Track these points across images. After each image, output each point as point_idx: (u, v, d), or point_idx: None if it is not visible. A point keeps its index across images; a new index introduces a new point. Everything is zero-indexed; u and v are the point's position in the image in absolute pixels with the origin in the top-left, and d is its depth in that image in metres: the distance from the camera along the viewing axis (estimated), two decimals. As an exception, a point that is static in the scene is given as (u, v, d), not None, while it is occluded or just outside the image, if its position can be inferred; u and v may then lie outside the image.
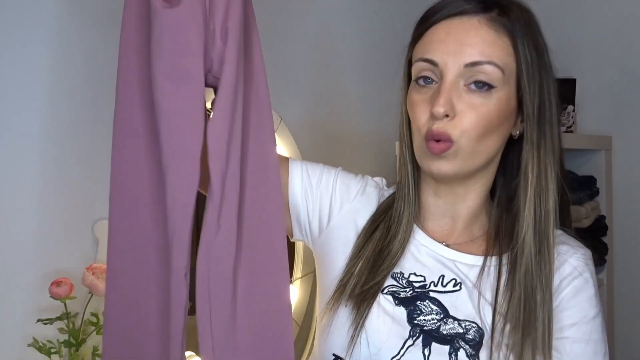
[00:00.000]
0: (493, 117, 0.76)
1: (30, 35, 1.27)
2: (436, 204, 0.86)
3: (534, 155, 0.79)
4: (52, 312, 1.20)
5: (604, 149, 1.74)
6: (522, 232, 0.79)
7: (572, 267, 0.80)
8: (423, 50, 0.79)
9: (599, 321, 0.80)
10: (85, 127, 1.33)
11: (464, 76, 0.76)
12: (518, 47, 0.77)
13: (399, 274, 0.82)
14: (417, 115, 0.79)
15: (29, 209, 1.26)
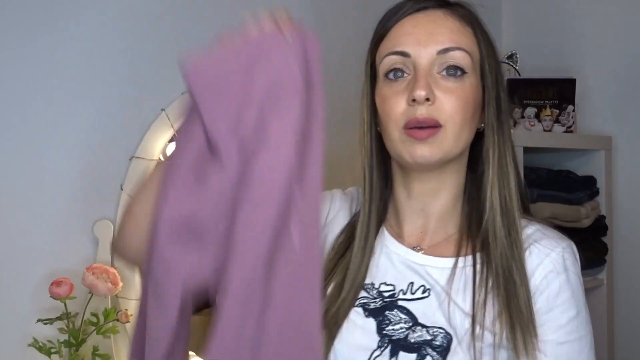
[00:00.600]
0: (470, 101, 0.78)
1: (30, 34, 1.27)
2: (410, 205, 0.85)
3: (495, 140, 0.80)
4: (52, 312, 1.20)
5: (604, 149, 1.74)
6: (490, 216, 0.79)
7: (553, 264, 0.78)
8: (392, 44, 0.79)
9: (582, 317, 0.79)
10: (85, 126, 1.33)
11: (437, 64, 0.77)
12: (479, 37, 0.80)
13: (370, 285, 0.82)
14: (392, 107, 0.78)
15: (29, 209, 1.26)
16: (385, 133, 0.81)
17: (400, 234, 0.86)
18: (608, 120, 1.85)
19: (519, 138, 1.48)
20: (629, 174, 1.81)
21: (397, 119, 0.77)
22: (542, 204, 1.59)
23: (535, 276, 0.77)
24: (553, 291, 0.77)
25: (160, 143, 1.40)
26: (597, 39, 1.89)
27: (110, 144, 1.36)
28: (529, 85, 1.67)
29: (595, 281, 1.72)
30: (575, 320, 0.78)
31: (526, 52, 2.02)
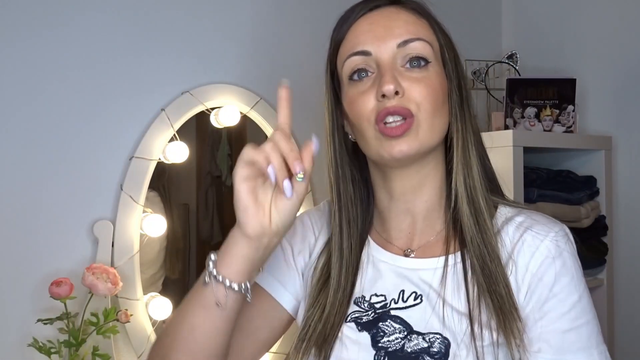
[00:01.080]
0: (438, 89, 0.77)
1: (30, 33, 1.27)
2: (394, 206, 0.83)
3: (458, 128, 0.79)
4: (52, 312, 1.20)
5: (604, 149, 1.74)
6: (458, 206, 0.78)
7: (547, 250, 0.75)
8: (351, 45, 0.79)
9: (585, 301, 0.75)
10: (85, 126, 1.33)
11: (399, 57, 0.76)
12: (435, 27, 0.81)
13: (361, 298, 0.81)
14: (361, 106, 0.76)
15: (29, 208, 1.26)
16: (360, 135, 0.79)
17: (389, 239, 0.84)
18: (608, 120, 1.85)
19: (519, 138, 1.48)
20: (629, 174, 1.80)
21: (368, 116, 0.76)
22: (542, 204, 1.58)
23: (531, 265, 0.75)
24: (551, 278, 0.74)
25: (160, 143, 1.40)
26: (597, 39, 1.89)
27: (110, 144, 1.36)
28: (529, 85, 1.67)
29: (595, 281, 1.72)
30: (579, 305, 0.74)
31: (526, 52, 2.02)
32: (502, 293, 0.73)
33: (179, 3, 1.47)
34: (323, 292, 0.82)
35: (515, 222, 0.79)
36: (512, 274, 0.76)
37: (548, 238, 0.76)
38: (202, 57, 1.50)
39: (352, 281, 0.81)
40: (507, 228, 0.79)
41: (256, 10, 1.60)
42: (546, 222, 0.79)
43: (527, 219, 0.79)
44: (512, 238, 0.78)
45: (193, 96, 1.45)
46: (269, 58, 1.60)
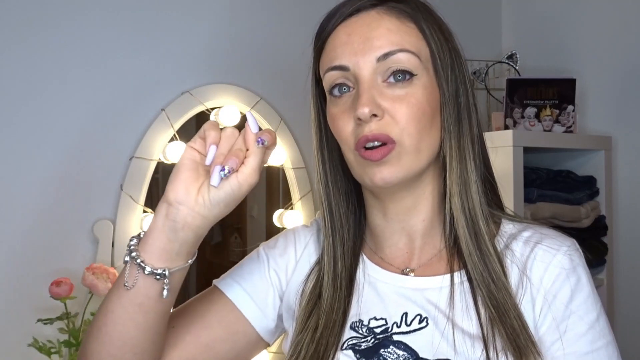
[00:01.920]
0: (424, 105, 0.69)
1: (30, 33, 1.27)
2: (389, 226, 0.76)
3: (452, 145, 0.72)
4: (52, 312, 1.20)
5: (604, 149, 1.74)
6: (456, 230, 0.72)
7: (561, 265, 0.70)
8: (329, 59, 0.72)
9: (603, 321, 0.70)
10: (85, 126, 1.33)
11: (380, 72, 0.69)
12: (425, 31, 0.71)
13: (358, 322, 0.73)
14: (341, 127, 0.71)
15: (29, 208, 1.26)
16: (345, 156, 0.74)
17: (385, 259, 0.77)
18: (608, 120, 1.85)
19: (519, 138, 1.48)
20: (629, 174, 1.80)
21: (348, 139, 0.70)
22: (542, 204, 1.58)
23: (545, 280, 0.70)
24: (566, 295, 0.69)
25: (160, 143, 1.40)
26: (597, 39, 1.89)
27: (110, 144, 1.36)
28: (529, 85, 1.67)
29: (595, 281, 1.71)
30: (597, 325, 0.69)
31: (526, 52, 2.02)
32: (514, 326, 0.67)
33: (179, 3, 1.47)
34: (314, 314, 0.74)
35: (522, 238, 0.74)
36: (528, 290, 0.70)
37: (560, 252, 0.71)
38: (202, 57, 1.50)
39: (346, 301, 0.74)
40: (515, 244, 0.73)
41: (256, 11, 1.60)
42: (556, 235, 0.74)
43: (535, 233, 0.74)
44: (522, 253, 0.73)
45: (193, 96, 1.45)
46: (269, 58, 1.60)
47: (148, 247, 0.65)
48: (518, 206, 1.46)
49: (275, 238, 0.86)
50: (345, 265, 0.76)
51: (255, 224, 1.69)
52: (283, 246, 0.83)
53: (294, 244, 0.83)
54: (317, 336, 0.72)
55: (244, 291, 0.79)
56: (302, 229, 0.86)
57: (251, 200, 1.68)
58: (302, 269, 0.81)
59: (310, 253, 0.82)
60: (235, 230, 1.68)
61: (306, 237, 0.84)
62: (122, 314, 0.66)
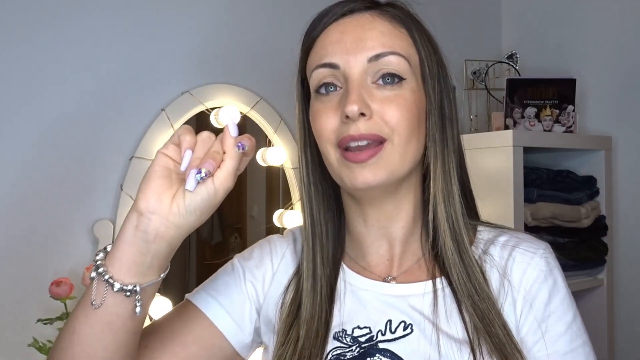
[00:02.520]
0: (413, 109, 0.69)
1: (29, 33, 1.27)
2: (369, 232, 0.76)
3: (436, 153, 0.72)
4: (52, 312, 1.20)
5: (604, 149, 1.74)
6: (439, 239, 0.72)
7: (539, 267, 0.72)
8: (319, 56, 0.71)
9: (579, 321, 0.73)
10: (85, 126, 1.33)
11: (370, 73, 0.69)
12: (415, 38, 0.72)
13: (341, 332, 0.72)
14: (323, 123, 0.69)
15: (29, 208, 1.26)
16: (323, 155, 0.72)
17: (367, 266, 0.77)
18: (608, 120, 1.85)
19: (519, 138, 1.48)
20: (629, 174, 1.81)
21: (330, 138, 0.69)
22: (542, 204, 1.59)
23: (524, 283, 0.72)
24: (544, 297, 0.71)
25: (160, 143, 1.40)
26: (597, 39, 1.89)
27: (110, 144, 1.36)
28: (529, 85, 1.67)
29: (595, 281, 1.72)
30: (574, 325, 0.72)
31: (526, 52, 2.02)
32: (499, 335, 0.67)
33: (179, 3, 1.47)
34: (294, 326, 0.72)
35: (499, 242, 0.75)
36: (509, 293, 0.71)
37: (537, 255, 0.73)
38: (202, 57, 1.50)
39: (328, 310, 0.72)
40: (493, 249, 0.75)
41: (256, 11, 1.60)
42: (532, 239, 0.76)
43: (511, 237, 0.76)
44: (500, 256, 0.74)
45: (193, 96, 1.45)
46: (269, 58, 1.60)
47: (116, 261, 0.60)
48: (518, 206, 1.46)
49: (250, 249, 0.84)
50: (325, 272, 0.74)
51: (255, 224, 1.69)
52: (259, 257, 0.81)
53: (270, 255, 0.81)
54: (299, 348, 0.70)
55: (219, 305, 0.76)
56: (277, 239, 0.84)
57: (251, 200, 1.69)
58: (280, 281, 0.78)
59: (288, 264, 0.80)
60: (235, 230, 1.68)
61: (282, 247, 0.82)
62: (89, 334, 0.61)
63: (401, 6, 0.74)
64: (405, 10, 0.74)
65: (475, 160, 1.51)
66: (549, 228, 1.61)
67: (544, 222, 1.60)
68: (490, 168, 1.49)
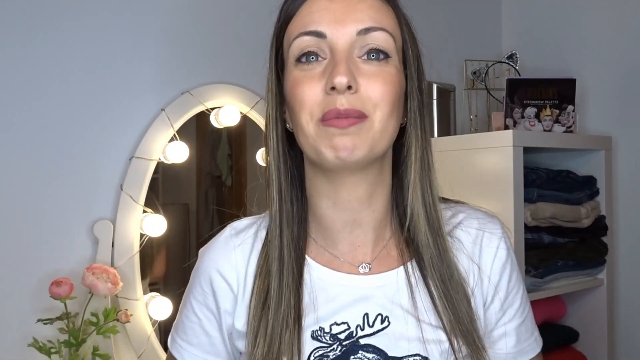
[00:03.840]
0: (397, 87, 0.67)
1: (30, 33, 1.27)
2: (340, 217, 0.72)
3: (417, 136, 0.71)
4: (52, 312, 1.20)
5: (604, 149, 1.74)
6: (413, 222, 0.71)
7: (505, 251, 0.75)
8: (304, 23, 0.67)
9: (523, 288, 0.79)
10: (85, 126, 1.33)
11: (357, 46, 0.66)
12: (400, 19, 0.70)
13: (319, 330, 0.69)
14: (306, 95, 0.65)
15: (29, 208, 1.26)
16: (298, 127, 0.67)
17: (337, 254, 0.73)
18: (608, 120, 1.85)
19: (519, 138, 1.48)
20: (629, 174, 1.81)
21: (312, 110, 0.65)
22: (542, 204, 1.58)
23: (493, 268, 0.74)
24: (507, 277, 0.75)
25: (160, 143, 1.40)
26: (597, 39, 1.89)
27: (110, 144, 1.36)
28: (529, 85, 1.67)
29: (595, 281, 1.72)
30: (524, 296, 0.78)
31: (526, 52, 2.02)
32: (464, 321, 0.69)
33: (179, 3, 1.47)
34: (263, 319, 0.70)
35: (463, 225, 0.75)
36: (477, 276, 0.73)
37: (502, 237, 0.76)
38: (202, 57, 1.50)
39: (296, 294, 0.70)
40: (459, 233, 0.75)
41: (256, 10, 1.60)
42: (488, 217, 0.77)
43: (470, 217, 0.76)
44: (467, 241, 0.75)
45: (193, 96, 1.45)
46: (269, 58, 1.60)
47: None
48: (518, 206, 1.46)
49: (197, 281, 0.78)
50: (290, 255, 0.71)
51: (255, 224, 1.69)
52: (210, 290, 0.76)
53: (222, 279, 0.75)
54: (267, 340, 0.68)
55: (195, 351, 0.77)
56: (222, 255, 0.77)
57: (251, 200, 1.68)
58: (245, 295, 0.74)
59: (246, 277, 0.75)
60: (235, 230, 1.68)
61: (231, 261, 0.76)
62: None
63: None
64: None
65: (475, 160, 1.51)
66: (549, 228, 1.61)
67: (544, 222, 1.60)
68: (490, 168, 1.48)
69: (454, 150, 1.55)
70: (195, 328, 0.77)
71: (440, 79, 1.75)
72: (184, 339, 0.78)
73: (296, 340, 0.68)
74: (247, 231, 0.78)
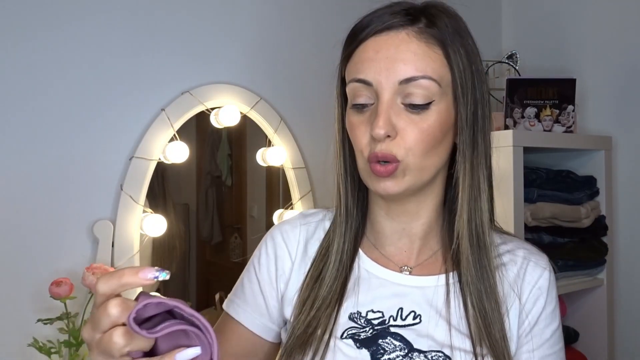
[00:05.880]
0: (436, 130, 0.73)
1: (30, 33, 1.27)
2: (390, 225, 0.82)
3: (466, 167, 0.76)
4: (52, 312, 1.20)
5: (604, 149, 1.74)
6: (458, 243, 0.77)
7: (546, 281, 0.81)
8: (355, 70, 0.75)
9: (561, 329, 0.82)
10: (85, 126, 1.33)
11: (401, 93, 0.72)
12: (450, 56, 0.74)
13: (356, 313, 0.78)
14: (358, 138, 0.75)
15: (29, 208, 1.26)
16: (356, 157, 0.78)
17: (386, 255, 0.83)
18: (608, 120, 1.85)
19: (519, 138, 1.48)
20: (629, 174, 1.81)
21: (362, 150, 0.75)
22: (542, 204, 1.59)
23: (531, 296, 0.79)
24: (541, 306, 0.79)
25: (160, 143, 1.40)
26: (597, 39, 1.89)
27: (110, 144, 1.36)
28: (529, 85, 1.67)
29: (595, 281, 1.72)
30: (557, 332, 0.81)
31: (526, 52, 2.02)
32: (496, 336, 0.74)
33: (179, 3, 1.47)
34: (311, 296, 0.79)
35: (511, 252, 0.82)
36: (516, 302, 0.79)
37: (547, 270, 0.81)
38: (202, 57, 1.50)
39: (344, 283, 0.79)
40: (506, 258, 0.81)
41: (256, 10, 1.60)
42: (539, 252, 0.84)
43: (519, 247, 0.83)
44: (512, 266, 0.81)
45: (193, 96, 1.45)
46: (269, 58, 1.60)
47: None
48: (518, 206, 1.46)
49: (264, 246, 0.87)
50: (347, 253, 0.81)
51: (255, 224, 1.69)
52: (273, 255, 0.85)
53: (284, 247, 0.85)
54: (312, 314, 0.77)
55: (251, 311, 0.84)
56: (288, 228, 0.87)
57: (251, 200, 1.69)
58: (300, 265, 0.84)
59: (305, 252, 0.85)
60: (235, 230, 1.68)
61: (295, 235, 0.86)
62: None
63: (438, 22, 0.74)
64: (443, 24, 0.74)
65: (475, 160, 1.51)
66: (549, 228, 1.61)
67: (544, 222, 1.60)
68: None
69: (454, 150, 1.55)
70: (255, 288, 0.85)
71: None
72: (242, 298, 0.85)
73: (334, 316, 0.77)
74: (314, 216, 0.88)
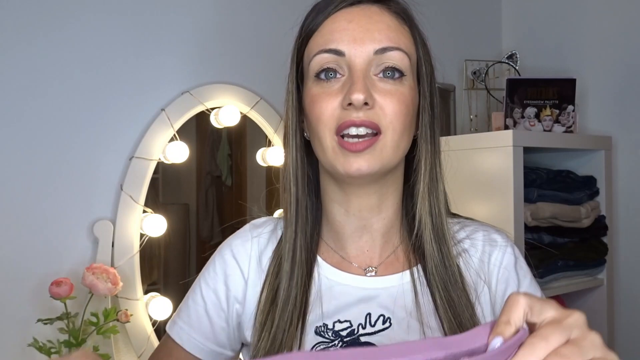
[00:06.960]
0: (410, 105, 0.71)
1: (30, 33, 1.27)
2: (351, 223, 0.77)
3: (428, 150, 0.74)
4: (52, 312, 1.20)
5: (604, 149, 1.74)
6: (420, 230, 0.75)
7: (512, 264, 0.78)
8: (324, 41, 0.71)
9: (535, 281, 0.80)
10: (85, 126, 1.33)
11: (374, 64, 0.70)
12: (416, 37, 0.74)
13: (323, 326, 0.72)
14: (324, 109, 0.69)
15: (29, 208, 1.26)
16: (316, 140, 0.72)
17: (347, 257, 0.77)
18: (608, 120, 1.85)
19: (519, 138, 1.48)
20: (629, 174, 1.81)
21: (328, 122, 0.69)
22: (542, 204, 1.58)
23: (501, 272, 0.77)
24: (515, 284, 0.77)
25: (160, 143, 1.40)
26: (597, 39, 1.89)
27: (110, 144, 1.36)
28: (529, 85, 1.67)
29: (595, 281, 1.72)
30: (533, 283, 0.79)
31: (526, 52, 2.02)
32: (467, 327, 0.70)
33: (179, 3, 1.47)
34: (271, 313, 0.73)
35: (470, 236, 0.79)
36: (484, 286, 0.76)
37: (508, 247, 0.78)
38: (202, 57, 1.50)
39: (304, 294, 0.73)
40: (466, 244, 0.78)
41: (256, 10, 1.60)
42: (496, 230, 0.81)
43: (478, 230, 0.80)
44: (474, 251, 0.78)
45: (193, 96, 1.45)
46: (269, 58, 1.60)
47: None
48: (518, 206, 1.46)
49: (212, 265, 0.82)
50: (302, 256, 0.75)
51: (255, 224, 1.69)
52: (222, 272, 0.80)
53: (236, 264, 0.79)
54: (272, 334, 0.71)
55: (195, 335, 0.78)
56: (239, 243, 0.81)
57: (251, 200, 1.69)
58: (255, 281, 0.78)
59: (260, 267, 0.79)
60: (235, 230, 1.68)
61: (247, 249, 0.80)
62: None
63: (404, 5, 0.75)
64: (407, 9, 0.75)
65: (475, 160, 1.51)
66: (549, 228, 1.61)
67: (544, 222, 1.60)
68: (490, 168, 1.49)
69: (454, 150, 1.55)
70: (200, 311, 0.79)
71: (440, 79, 1.75)
72: (186, 322, 0.79)
73: (299, 335, 0.71)
74: (265, 226, 0.82)
